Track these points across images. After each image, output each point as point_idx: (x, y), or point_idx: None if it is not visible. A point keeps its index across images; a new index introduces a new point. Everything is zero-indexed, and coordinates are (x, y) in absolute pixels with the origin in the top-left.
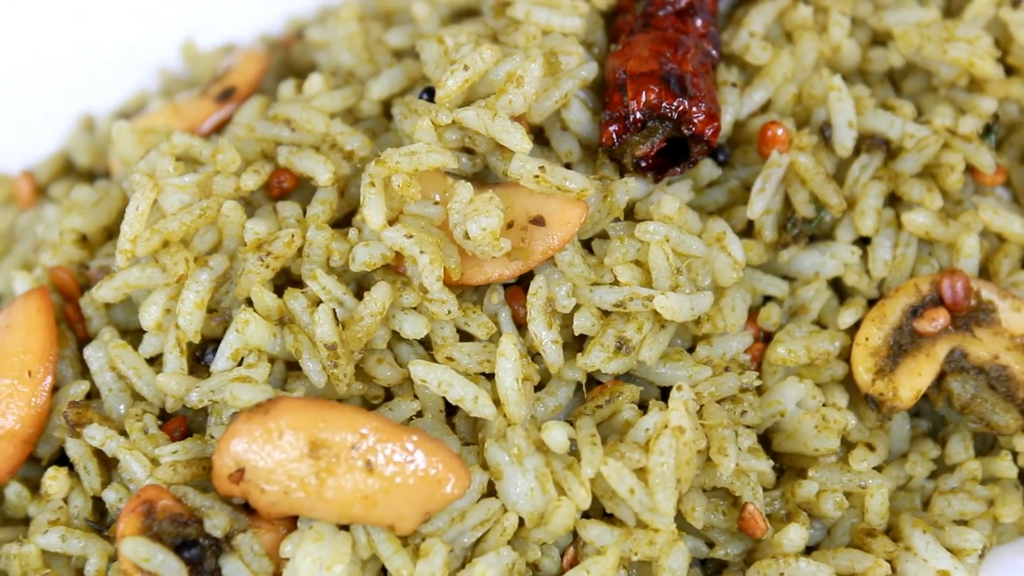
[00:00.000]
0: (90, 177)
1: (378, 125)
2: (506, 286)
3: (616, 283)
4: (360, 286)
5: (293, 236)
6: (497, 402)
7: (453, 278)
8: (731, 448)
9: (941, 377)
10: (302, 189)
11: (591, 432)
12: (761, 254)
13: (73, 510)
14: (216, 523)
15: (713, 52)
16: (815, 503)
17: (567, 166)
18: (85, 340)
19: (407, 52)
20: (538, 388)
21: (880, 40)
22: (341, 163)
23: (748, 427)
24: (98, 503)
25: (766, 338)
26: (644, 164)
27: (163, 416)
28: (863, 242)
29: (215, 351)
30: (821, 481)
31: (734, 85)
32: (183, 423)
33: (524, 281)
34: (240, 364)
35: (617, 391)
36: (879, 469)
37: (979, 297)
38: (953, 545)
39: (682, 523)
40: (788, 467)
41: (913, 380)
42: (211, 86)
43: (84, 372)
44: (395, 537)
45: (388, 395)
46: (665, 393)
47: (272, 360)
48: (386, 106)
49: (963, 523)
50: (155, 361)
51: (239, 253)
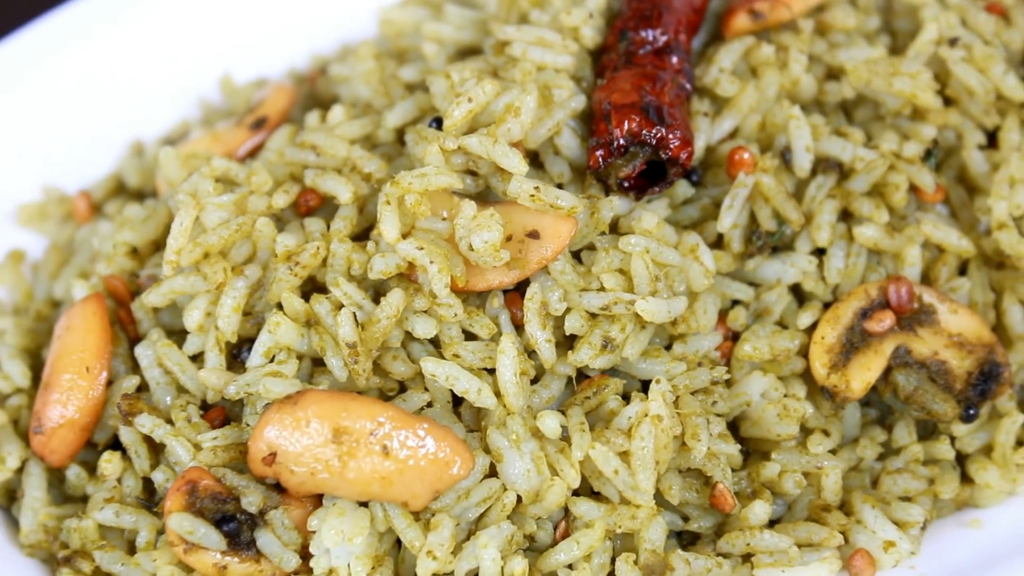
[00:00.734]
0: (140, 196)
1: (393, 150)
2: (505, 292)
3: (602, 289)
4: (377, 292)
5: (318, 248)
6: (498, 394)
7: (459, 285)
8: (703, 434)
9: (888, 371)
10: (326, 207)
11: (580, 420)
12: (729, 263)
13: (126, 489)
14: (251, 500)
15: (687, 86)
16: (777, 482)
17: (559, 186)
18: (136, 340)
19: (418, 86)
20: (534, 381)
21: (834, 75)
22: (360, 184)
23: (718, 415)
24: (147, 483)
25: (734, 337)
26: (627, 184)
27: (204, 407)
28: (819, 252)
29: (250, 349)
30: (782, 463)
31: (706, 115)
32: (222, 413)
33: (521, 287)
34: (272, 361)
35: (603, 384)
36: (833, 452)
37: (921, 301)
38: (898, 518)
39: (660, 500)
40: (753, 450)
41: (863, 374)
42: (246, 116)
43: (135, 368)
44: (408, 512)
45: (402, 388)
46: (645, 386)
47: (300, 357)
48: (400, 134)
49: (907, 499)
50: (197, 358)
51: (271, 263)
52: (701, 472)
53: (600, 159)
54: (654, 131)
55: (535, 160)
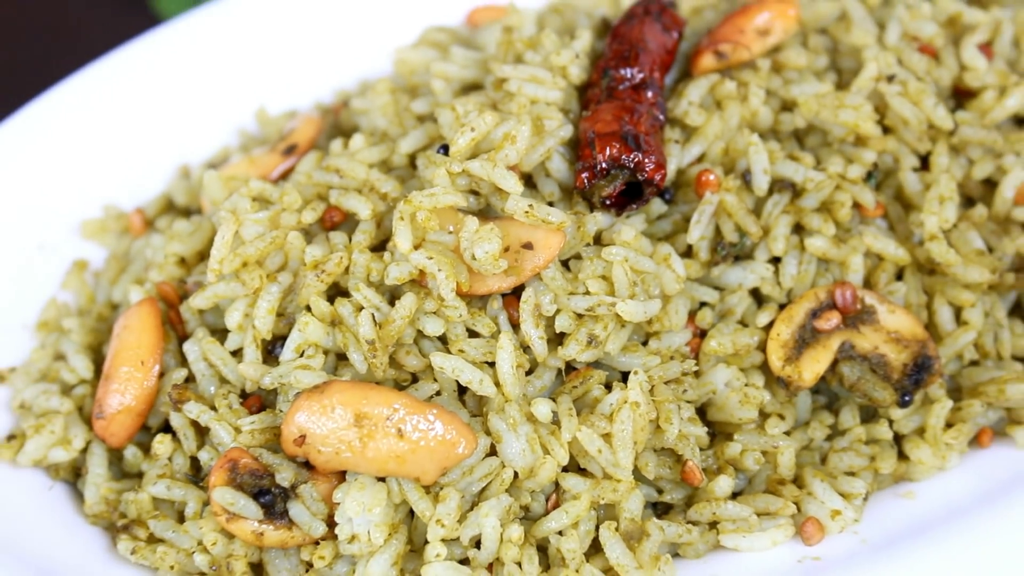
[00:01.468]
0: (187, 213)
1: (406, 173)
2: (504, 295)
3: (588, 293)
4: (393, 296)
5: (341, 258)
6: (497, 384)
7: (463, 289)
8: (675, 418)
9: (835, 363)
10: (348, 222)
11: (568, 406)
12: (698, 270)
13: (176, 467)
14: (284, 476)
15: (661, 117)
16: (739, 459)
17: (550, 204)
18: (184, 338)
19: (428, 117)
20: (528, 373)
21: (788, 107)
22: (378, 202)
23: (688, 402)
24: (194, 461)
25: (701, 334)
26: (608, 202)
27: (243, 395)
28: (775, 261)
29: (283, 346)
30: (743, 443)
31: (677, 142)
32: (259, 400)
33: (517, 291)
34: (302, 356)
35: (588, 375)
36: (788, 433)
37: (863, 303)
38: (844, 491)
39: (638, 475)
40: (719, 432)
41: (813, 366)
42: (278, 143)
43: (183, 362)
44: (420, 486)
45: (414, 379)
46: (625, 376)
47: (326, 352)
48: (412, 158)
49: (851, 474)
50: (237, 354)
51: (300, 271)
52: (673, 451)
53: (585, 180)
54: (632, 156)
55: (529, 181)
